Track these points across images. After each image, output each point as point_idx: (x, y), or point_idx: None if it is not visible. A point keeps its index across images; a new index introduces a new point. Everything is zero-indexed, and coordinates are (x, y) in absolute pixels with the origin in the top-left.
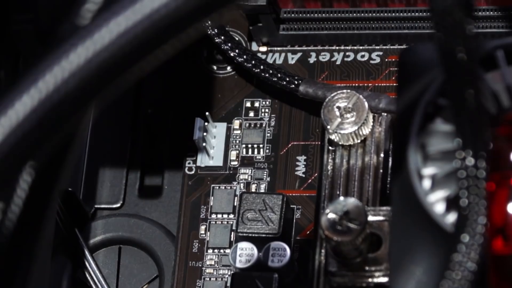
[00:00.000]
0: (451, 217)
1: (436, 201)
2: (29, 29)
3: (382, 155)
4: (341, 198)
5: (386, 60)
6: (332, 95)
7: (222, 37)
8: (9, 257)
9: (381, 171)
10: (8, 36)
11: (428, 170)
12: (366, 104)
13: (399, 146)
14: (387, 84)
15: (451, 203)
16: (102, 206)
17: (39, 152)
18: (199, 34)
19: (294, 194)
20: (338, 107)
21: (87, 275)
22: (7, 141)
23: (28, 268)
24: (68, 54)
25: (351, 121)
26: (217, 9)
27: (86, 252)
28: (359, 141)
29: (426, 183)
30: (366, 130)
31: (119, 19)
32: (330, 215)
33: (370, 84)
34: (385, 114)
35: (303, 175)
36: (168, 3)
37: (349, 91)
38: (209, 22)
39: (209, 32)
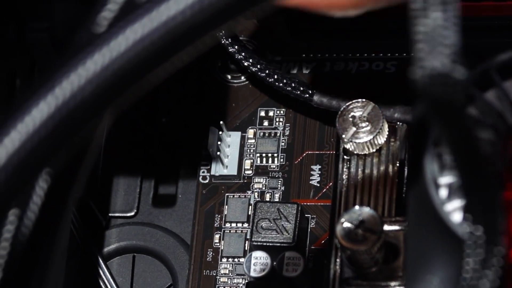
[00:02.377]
0: (468, 227)
1: (453, 210)
2: (44, 37)
3: (397, 164)
4: (357, 207)
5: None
6: (347, 104)
7: (236, 47)
8: (24, 263)
9: (396, 180)
10: (23, 44)
11: (445, 179)
12: (381, 113)
13: (415, 155)
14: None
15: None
16: (116, 214)
17: (55, 159)
18: (215, 41)
19: (308, 204)
20: (353, 116)
21: (101, 284)
22: (24, 148)
23: (44, 275)
24: (85, 61)
25: (366, 130)
26: (233, 16)
27: (100, 261)
28: (374, 150)
29: (443, 192)
30: (381, 140)
31: (136, 27)
32: (346, 224)
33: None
34: (400, 123)
35: (318, 185)
36: (184, 11)
37: (364, 100)
38: (223, 31)
39: (223, 41)
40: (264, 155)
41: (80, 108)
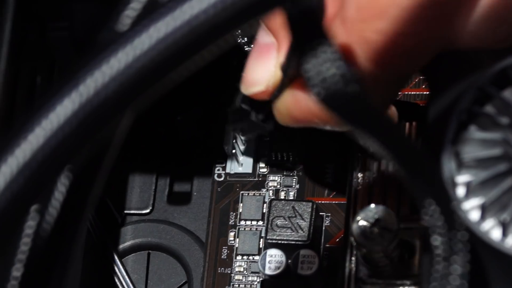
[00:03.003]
0: (486, 225)
1: (471, 209)
2: (64, 37)
3: None
4: (372, 205)
5: None
6: None
7: (252, 46)
8: (45, 259)
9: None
10: (44, 43)
11: (463, 178)
12: (397, 112)
13: (433, 154)
14: (417, 93)
15: (486, 211)
16: (132, 211)
17: (77, 156)
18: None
19: (323, 202)
20: None
21: (116, 280)
22: (48, 144)
23: (64, 271)
24: (109, 59)
25: None
26: (255, 16)
27: (116, 258)
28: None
29: (461, 191)
30: None
31: (159, 25)
32: (362, 222)
33: (399, 93)
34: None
35: (332, 183)
36: (207, 10)
37: None
38: (240, 31)
39: (238, 40)
40: (279, 153)
41: (103, 105)
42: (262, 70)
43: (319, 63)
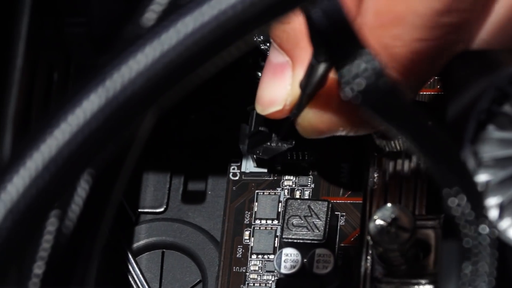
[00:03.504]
0: (504, 223)
1: (489, 208)
2: (81, 32)
3: None
4: (389, 204)
5: None
6: None
7: (268, 44)
8: (67, 257)
9: (427, 178)
10: (61, 38)
11: (482, 177)
12: None
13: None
14: (432, 93)
15: (504, 210)
16: (146, 210)
17: (102, 153)
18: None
19: (338, 201)
20: None
21: (130, 279)
22: (74, 140)
23: (85, 270)
24: (136, 54)
25: None
26: (283, 12)
27: (130, 256)
28: (406, 148)
29: (480, 190)
30: None
31: (187, 20)
32: (378, 221)
33: None
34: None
35: (348, 182)
36: (235, 5)
37: None
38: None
39: (255, 39)
40: (294, 152)
41: (130, 101)
42: (278, 89)
43: (353, 65)
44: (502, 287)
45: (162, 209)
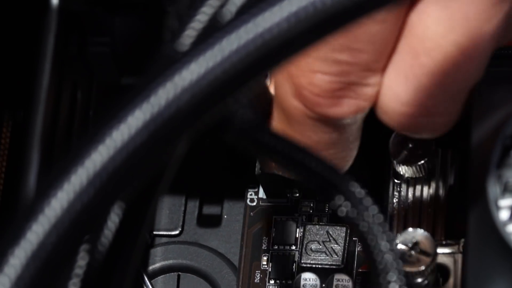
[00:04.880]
0: None
1: None
2: (105, 51)
3: (447, 188)
4: (410, 229)
5: None
6: None
7: None
8: (102, 276)
9: (446, 204)
10: (85, 57)
11: (507, 202)
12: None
13: (477, 178)
14: None
15: None
16: (161, 232)
17: (142, 174)
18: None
19: None
20: (406, 140)
21: None
22: (119, 156)
23: None
24: (181, 70)
25: (419, 154)
26: (332, 31)
27: (145, 278)
28: (424, 174)
29: (504, 214)
30: (432, 164)
31: (232, 37)
32: (400, 245)
33: None
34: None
35: None
36: (280, 23)
37: None
38: None
39: None
40: None
41: (174, 117)
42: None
43: None
44: None
45: (177, 232)
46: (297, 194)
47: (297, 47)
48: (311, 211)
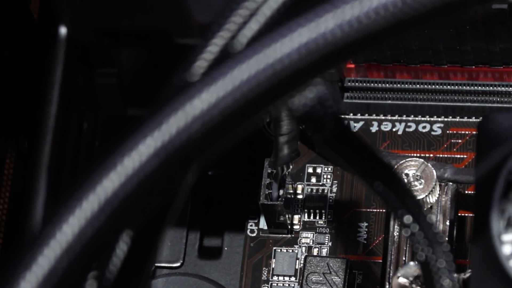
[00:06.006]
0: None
1: None
2: (112, 83)
3: (447, 223)
4: (411, 263)
5: (448, 132)
6: (401, 162)
7: None
8: None
9: (446, 238)
10: (91, 88)
11: (510, 236)
12: (434, 172)
13: (480, 212)
14: (448, 156)
15: None
16: (162, 264)
17: (153, 200)
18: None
19: (355, 260)
20: (406, 174)
21: None
22: (130, 183)
23: None
24: (192, 100)
25: (419, 188)
26: (340, 62)
27: None
28: (425, 209)
29: (508, 249)
30: (433, 199)
31: (243, 67)
32: (401, 279)
33: (431, 155)
34: (450, 183)
35: (365, 241)
36: (291, 54)
37: (417, 159)
38: None
39: None
40: (311, 211)
41: (185, 146)
42: None
43: None
44: None
45: (178, 264)
46: (298, 226)
47: (307, 77)
48: (311, 243)
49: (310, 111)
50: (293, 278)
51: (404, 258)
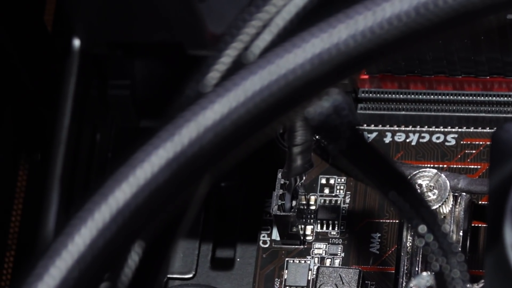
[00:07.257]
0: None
1: None
2: (125, 95)
3: (461, 233)
4: (425, 273)
5: (462, 142)
6: (414, 172)
7: None
8: None
9: (459, 249)
10: (104, 100)
11: None
12: (448, 183)
13: (493, 222)
14: (462, 166)
15: None
16: (175, 276)
17: (165, 208)
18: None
19: (368, 270)
20: (420, 185)
21: None
22: (141, 194)
23: None
24: (205, 111)
25: (432, 199)
26: (352, 73)
27: None
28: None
29: None
30: (446, 209)
31: (256, 78)
32: None
33: (444, 166)
34: (464, 194)
35: (378, 252)
36: (304, 64)
37: (431, 169)
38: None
39: None
40: (324, 222)
41: (198, 156)
42: None
43: None
44: None
45: (191, 275)
46: (310, 237)
47: (320, 87)
48: (324, 254)
49: (326, 120)
50: None
51: (417, 269)
